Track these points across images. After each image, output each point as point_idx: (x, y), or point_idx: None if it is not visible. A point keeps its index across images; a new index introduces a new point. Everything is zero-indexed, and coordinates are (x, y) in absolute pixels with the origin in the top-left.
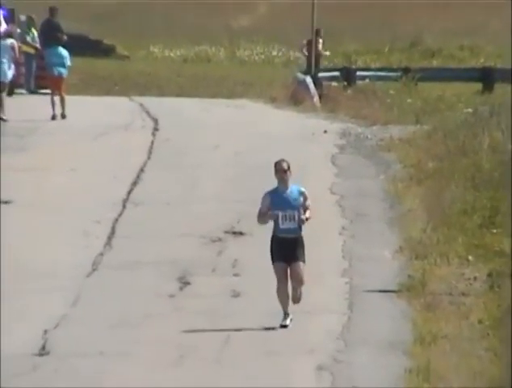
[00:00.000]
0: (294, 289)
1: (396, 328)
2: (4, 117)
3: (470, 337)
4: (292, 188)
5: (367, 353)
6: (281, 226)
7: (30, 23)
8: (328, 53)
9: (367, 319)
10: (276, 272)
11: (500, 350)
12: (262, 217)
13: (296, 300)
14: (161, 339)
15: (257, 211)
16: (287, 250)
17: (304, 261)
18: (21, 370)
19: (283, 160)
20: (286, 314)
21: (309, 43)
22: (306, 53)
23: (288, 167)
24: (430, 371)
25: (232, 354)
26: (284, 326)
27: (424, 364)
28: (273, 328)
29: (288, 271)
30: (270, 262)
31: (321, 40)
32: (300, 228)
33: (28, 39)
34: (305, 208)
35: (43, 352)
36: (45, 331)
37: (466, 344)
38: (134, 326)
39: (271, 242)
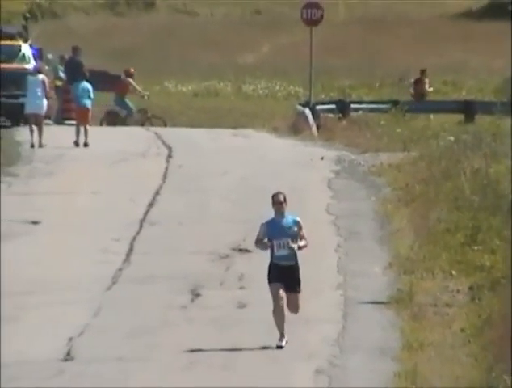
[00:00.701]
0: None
1: (385, 336)
2: (43, 143)
3: (453, 344)
4: (288, 218)
5: (360, 358)
6: (276, 253)
7: (61, 61)
8: (431, 89)
9: (359, 328)
10: (271, 291)
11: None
12: (259, 244)
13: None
14: (174, 345)
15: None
16: (284, 275)
17: (299, 291)
18: (48, 374)
19: (279, 193)
20: (282, 335)
21: (416, 82)
22: (413, 92)
23: (284, 199)
24: (416, 375)
25: (237, 359)
26: (280, 347)
27: (411, 368)
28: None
29: (283, 294)
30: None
31: (427, 80)
32: (294, 255)
33: (61, 74)
34: (301, 237)
35: (68, 357)
36: (70, 339)
37: (449, 351)
38: (150, 334)
39: (269, 266)
